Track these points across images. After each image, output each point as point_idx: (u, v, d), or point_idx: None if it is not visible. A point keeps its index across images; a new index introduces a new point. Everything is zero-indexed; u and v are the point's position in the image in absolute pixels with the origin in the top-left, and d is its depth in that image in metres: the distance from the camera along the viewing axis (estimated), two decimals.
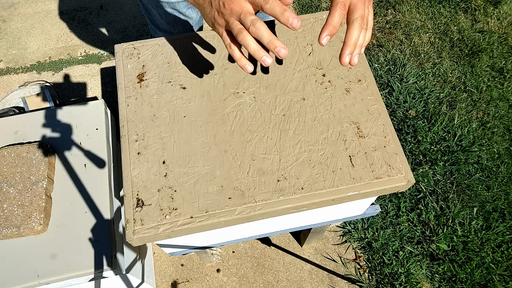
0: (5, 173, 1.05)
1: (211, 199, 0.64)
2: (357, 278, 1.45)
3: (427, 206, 1.57)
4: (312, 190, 0.64)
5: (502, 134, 1.75)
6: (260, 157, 0.67)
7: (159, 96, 0.74)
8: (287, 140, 0.69)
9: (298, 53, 0.79)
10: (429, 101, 1.84)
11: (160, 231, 0.61)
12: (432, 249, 1.49)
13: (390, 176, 0.66)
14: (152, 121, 0.71)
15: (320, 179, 0.65)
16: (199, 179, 0.65)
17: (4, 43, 2.09)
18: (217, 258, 1.46)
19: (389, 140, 0.69)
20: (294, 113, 0.72)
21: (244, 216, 0.63)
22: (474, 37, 2.04)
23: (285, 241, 1.53)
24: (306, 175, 0.66)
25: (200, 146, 0.68)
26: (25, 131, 1.17)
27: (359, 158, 0.67)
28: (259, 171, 0.66)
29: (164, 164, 0.67)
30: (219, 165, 0.67)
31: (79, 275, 0.97)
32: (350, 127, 0.70)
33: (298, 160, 0.67)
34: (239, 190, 0.64)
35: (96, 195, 1.07)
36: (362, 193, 0.65)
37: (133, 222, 0.62)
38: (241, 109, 0.72)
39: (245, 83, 0.75)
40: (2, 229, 0.97)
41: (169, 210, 0.63)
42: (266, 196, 0.64)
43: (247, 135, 0.69)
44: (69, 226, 1.02)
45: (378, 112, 0.72)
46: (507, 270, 1.43)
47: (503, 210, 1.56)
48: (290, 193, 0.64)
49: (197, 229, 0.63)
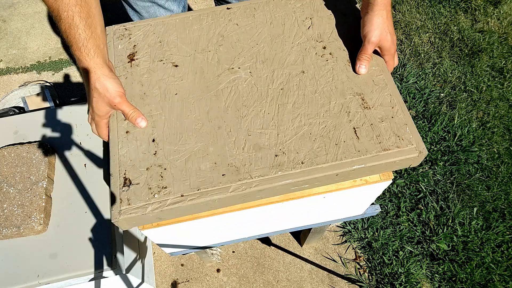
0: (5, 173, 1.05)
1: (203, 177, 0.59)
2: (357, 278, 1.45)
3: (427, 206, 1.57)
4: (314, 164, 0.60)
5: (502, 134, 1.75)
6: (256, 132, 0.63)
7: (149, 75, 0.71)
8: (286, 114, 0.65)
9: (297, 27, 0.75)
10: (429, 101, 1.84)
11: (148, 211, 0.57)
12: (432, 249, 1.49)
13: (399, 148, 0.60)
14: (142, 99, 0.68)
15: (322, 152, 0.61)
16: (190, 157, 0.61)
17: (4, 43, 2.09)
18: (217, 258, 1.46)
19: (397, 110, 0.64)
20: (293, 86, 0.68)
21: (239, 194, 0.59)
22: (474, 37, 2.04)
23: (285, 241, 1.53)
24: (307, 149, 0.61)
25: (192, 123, 0.65)
26: (25, 131, 1.17)
27: (364, 130, 0.62)
28: (255, 147, 0.62)
29: (153, 142, 0.63)
30: (213, 141, 0.63)
31: (79, 275, 0.97)
32: (354, 99, 0.66)
33: (297, 134, 0.62)
34: (233, 167, 0.60)
35: (96, 195, 1.07)
36: (369, 167, 0.60)
37: (120, 202, 0.59)
38: (236, 84, 0.68)
39: (241, 58, 0.72)
40: (2, 229, 0.97)
41: (158, 188, 0.59)
42: (263, 172, 0.59)
43: (243, 110, 0.65)
44: (69, 226, 1.02)
45: (384, 82, 0.67)
46: (507, 270, 1.43)
47: (503, 210, 1.56)
48: (289, 168, 0.60)
49: (189, 209, 0.59)
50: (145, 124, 0.65)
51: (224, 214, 0.73)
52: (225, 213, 0.72)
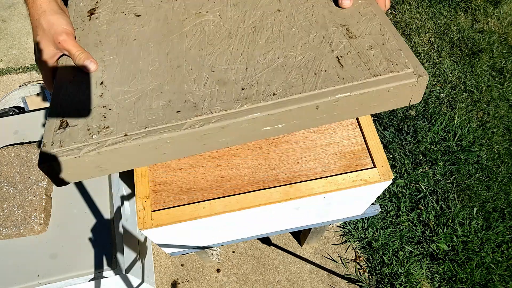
0: (5, 173, 1.05)
1: (154, 115, 0.51)
2: (357, 278, 1.45)
3: (427, 206, 1.57)
4: (288, 95, 0.51)
5: (502, 134, 1.75)
6: (221, 68, 0.55)
7: (108, 25, 0.64)
8: (257, 49, 0.57)
9: None
10: (429, 101, 1.84)
11: (82, 153, 0.48)
12: (432, 249, 1.49)
13: (393, 72, 0.51)
14: (96, 46, 0.60)
15: (298, 83, 0.52)
16: (141, 96, 0.54)
17: (4, 43, 2.09)
18: (217, 258, 1.46)
19: (388, 37, 0.56)
20: (267, 24, 0.60)
21: (196, 131, 0.50)
22: (474, 37, 2.04)
23: (285, 241, 1.53)
24: (280, 80, 0.52)
25: (149, 64, 0.57)
26: (25, 131, 1.17)
27: (350, 58, 0.54)
28: (219, 82, 0.53)
29: (101, 85, 0.55)
30: (169, 80, 0.55)
31: (79, 275, 0.97)
32: (337, 30, 0.58)
33: (270, 67, 0.54)
34: (191, 103, 0.52)
35: (96, 195, 1.07)
36: (357, 97, 0.51)
37: (51, 144, 0.50)
38: (202, 26, 0.61)
39: (210, 3, 0.65)
40: (2, 229, 0.97)
41: (98, 129, 0.51)
42: (226, 106, 0.51)
43: (207, 49, 0.58)
44: (69, 226, 1.02)
45: (373, 13, 0.59)
46: (507, 270, 1.43)
47: (503, 210, 1.56)
48: (258, 101, 0.51)
49: (134, 152, 0.51)
50: (94, 67, 0.57)
51: (224, 214, 0.73)
52: (225, 213, 0.72)
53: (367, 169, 0.75)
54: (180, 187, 0.75)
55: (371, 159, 0.76)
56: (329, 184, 0.73)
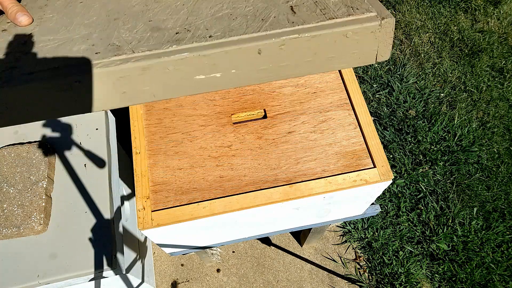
0: (5, 173, 1.05)
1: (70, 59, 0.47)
2: (357, 278, 1.45)
3: (427, 206, 1.57)
4: (226, 37, 0.46)
5: (502, 134, 1.75)
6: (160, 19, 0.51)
7: None
8: (204, 3, 0.52)
9: None
10: (429, 101, 1.84)
11: None
12: (432, 249, 1.49)
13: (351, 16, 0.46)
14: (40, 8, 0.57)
15: (240, 28, 0.47)
16: (65, 42, 0.49)
17: None
18: (217, 258, 1.46)
19: None
20: None
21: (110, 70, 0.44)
22: (474, 37, 2.04)
23: (285, 241, 1.53)
24: (221, 26, 0.47)
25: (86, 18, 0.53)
26: (25, 131, 1.17)
27: (305, 7, 0.48)
28: (154, 29, 0.49)
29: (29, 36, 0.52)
30: (101, 30, 0.50)
31: (79, 275, 0.97)
32: None
33: (214, 16, 0.50)
34: (115, 46, 0.47)
35: (96, 195, 1.07)
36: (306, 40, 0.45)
37: None
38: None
39: None
40: (2, 229, 0.97)
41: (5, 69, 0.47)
42: (153, 47, 0.46)
43: (152, 5, 0.54)
44: (69, 226, 1.02)
45: None
46: (507, 270, 1.43)
47: (503, 210, 1.56)
48: (190, 42, 0.46)
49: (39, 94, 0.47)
50: (26, 20, 0.54)
51: (224, 214, 0.73)
52: (225, 213, 0.72)
53: (367, 169, 0.75)
54: (180, 187, 0.75)
55: (371, 159, 0.76)
56: (329, 184, 0.74)
